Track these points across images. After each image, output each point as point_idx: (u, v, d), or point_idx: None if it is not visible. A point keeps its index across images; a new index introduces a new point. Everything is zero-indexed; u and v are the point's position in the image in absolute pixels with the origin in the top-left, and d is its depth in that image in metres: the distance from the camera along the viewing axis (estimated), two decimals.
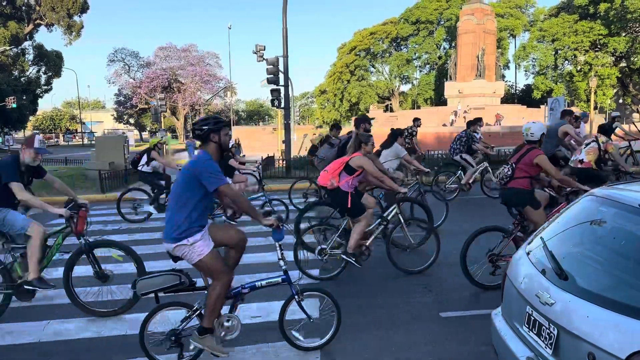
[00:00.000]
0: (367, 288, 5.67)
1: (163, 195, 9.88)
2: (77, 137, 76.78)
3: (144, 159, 9.91)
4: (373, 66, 69.57)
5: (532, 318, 2.62)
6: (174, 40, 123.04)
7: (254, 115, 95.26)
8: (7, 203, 4.93)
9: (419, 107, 59.08)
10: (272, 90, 17.85)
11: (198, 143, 3.98)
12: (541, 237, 2.97)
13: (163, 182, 10.07)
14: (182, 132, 56.62)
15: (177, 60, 57.54)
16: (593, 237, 2.83)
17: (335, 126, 10.33)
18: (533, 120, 5.94)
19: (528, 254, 3.04)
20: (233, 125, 56.72)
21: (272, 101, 18.18)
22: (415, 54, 64.83)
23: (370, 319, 4.81)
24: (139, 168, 9.97)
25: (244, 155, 20.40)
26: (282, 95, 17.90)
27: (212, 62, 59.25)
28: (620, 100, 54.63)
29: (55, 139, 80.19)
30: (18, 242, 5.03)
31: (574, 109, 40.22)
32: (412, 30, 62.77)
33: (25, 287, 4.87)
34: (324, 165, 7.21)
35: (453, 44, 53.75)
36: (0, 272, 4.82)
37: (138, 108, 60.39)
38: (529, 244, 3.18)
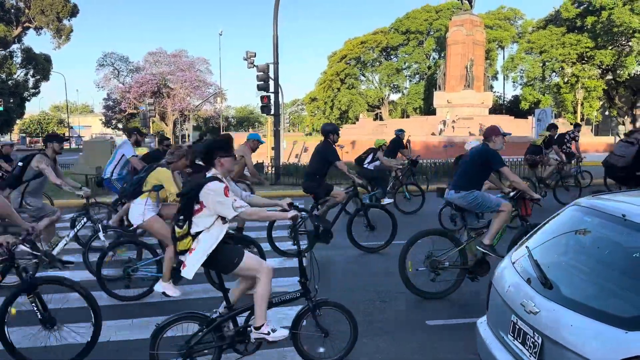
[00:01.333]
0: (349, 294, 5.63)
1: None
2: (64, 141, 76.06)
3: (369, 157, 10.80)
4: (363, 75, 69.96)
5: (517, 327, 2.62)
6: (165, 46, 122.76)
7: (244, 122, 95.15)
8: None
9: (408, 116, 59.46)
10: (262, 97, 17.86)
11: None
12: (526, 246, 2.99)
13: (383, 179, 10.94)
14: (171, 137, 56.27)
15: (167, 65, 57.32)
16: (578, 246, 2.85)
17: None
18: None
19: (513, 262, 3.05)
20: (222, 131, 56.56)
21: (262, 108, 18.18)
22: (405, 63, 65.35)
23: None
24: (364, 165, 10.74)
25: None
26: (272, 102, 17.91)
27: (203, 68, 59.09)
28: (607, 112, 55.45)
29: (42, 143, 79.29)
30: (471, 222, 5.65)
31: (560, 120, 40.79)
32: (402, 40, 63.30)
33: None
34: None
35: (442, 55, 54.29)
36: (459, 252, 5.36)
37: (127, 113, 59.97)
38: (514, 252, 3.19)
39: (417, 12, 62.32)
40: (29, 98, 54.42)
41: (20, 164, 6.38)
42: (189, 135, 57.38)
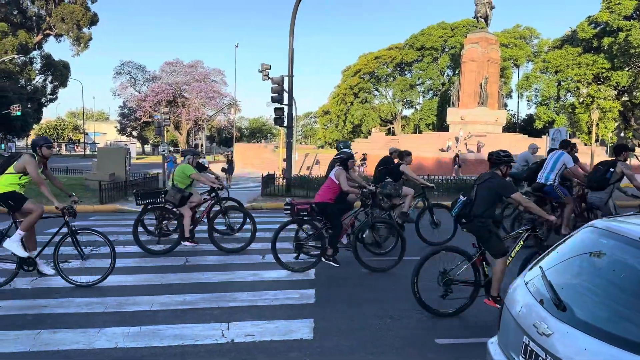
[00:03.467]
0: (358, 309, 5.59)
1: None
2: (79, 147, 77.01)
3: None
4: (377, 89, 70.18)
5: (529, 348, 2.58)
6: (181, 56, 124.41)
7: (257, 133, 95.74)
8: None
9: (420, 132, 59.38)
10: (276, 109, 17.96)
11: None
12: (540, 267, 2.95)
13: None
14: (184, 146, 56.76)
15: (183, 75, 58.05)
16: (592, 268, 2.80)
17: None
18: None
19: (526, 283, 3.01)
20: (235, 142, 56.93)
21: (276, 119, 18.27)
22: (418, 79, 65.47)
23: (359, 342, 4.72)
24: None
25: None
26: (285, 114, 18.00)
27: (218, 79, 59.78)
28: (622, 134, 54.89)
29: (57, 148, 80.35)
30: None
31: (574, 140, 40.46)
32: (417, 56, 63.49)
33: None
34: None
35: (457, 71, 54.33)
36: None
37: (142, 121, 60.70)
38: (528, 272, 3.15)
39: (432, 29, 62.54)
40: (46, 104, 55.33)
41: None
42: (202, 145, 57.79)
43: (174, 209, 8.46)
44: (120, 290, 6.05)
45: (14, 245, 5.92)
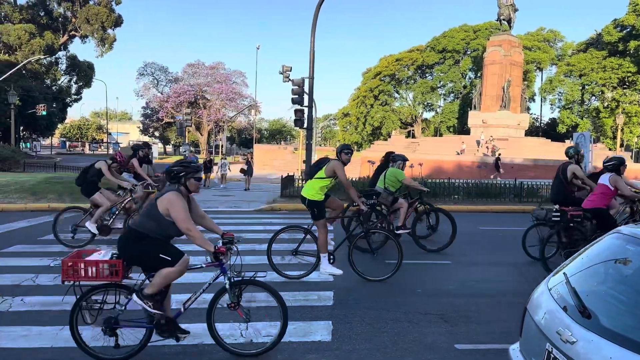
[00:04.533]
0: (376, 313, 5.56)
1: None
2: (102, 147, 78.37)
3: None
4: (397, 92, 69.92)
5: (552, 355, 2.54)
6: (203, 58, 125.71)
7: (277, 135, 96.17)
8: None
9: (441, 135, 58.97)
10: (296, 111, 18.01)
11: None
12: (564, 273, 2.90)
13: None
14: (205, 147, 57.30)
15: (205, 77, 58.61)
16: (618, 275, 2.75)
17: None
18: None
19: (550, 289, 2.96)
20: (255, 143, 57.23)
21: (296, 121, 18.33)
22: (440, 82, 65.03)
23: (377, 346, 4.69)
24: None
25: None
26: (305, 115, 18.05)
27: (239, 81, 60.19)
28: None
29: (81, 148, 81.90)
30: None
31: (599, 145, 39.74)
32: (438, 59, 63.08)
33: None
34: None
35: (479, 74, 53.82)
36: None
37: (164, 122, 61.44)
38: (552, 278, 3.10)
39: (454, 31, 62.09)
40: (70, 104, 56.43)
41: None
42: (222, 146, 58.26)
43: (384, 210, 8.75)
44: None
45: None
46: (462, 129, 55.93)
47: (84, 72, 53.60)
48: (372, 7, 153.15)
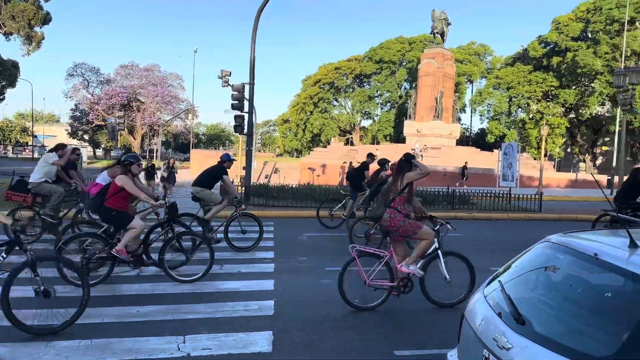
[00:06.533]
0: (315, 321, 5.54)
1: None
2: (27, 150, 73.77)
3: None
4: (336, 100, 70.82)
5: None
6: (137, 59, 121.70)
7: (215, 140, 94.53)
8: None
9: (378, 143, 60.25)
10: (236, 117, 17.78)
11: None
12: (499, 280, 3.01)
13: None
14: (138, 151, 55.36)
15: (139, 79, 56.77)
16: (549, 283, 2.88)
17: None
18: None
19: (486, 296, 3.06)
20: (192, 148, 55.98)
21: (236, 127, 18.07)
22: (377, 91, 66.54)
23: (318, 355, 4.67)
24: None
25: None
26: (245, 121, 17.85)
27: (175, 84, 58.78)
28: (569, 149, 57.45)
29: (4, 151, 76.81)
30: None
31: (524, 155, 42.01)
32: (375, 69, 64.54)
33: None
34: None
35: (413, 85, 55.55)
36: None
37: (94, 124, 58.82)
38: (487, 285, 3.21)
39: (390, 43, 63.80)
40: None
41: None
42: (157, 150, 56.53)
43: None
44: (69, 302, 5.78)
45: None
46: (398, 137, 57.42)
47: (8, 71, 50.21)
48: (313, 15, 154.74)
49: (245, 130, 18.01)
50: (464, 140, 59.20)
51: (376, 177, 11.04)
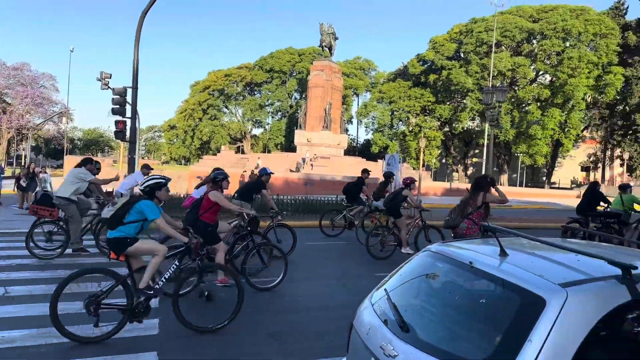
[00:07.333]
0: (201, 339, 5.37)
1: None
2: None
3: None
4: (226, 107, 69.88)
5: None
6: (4, 57, 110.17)
7: (92, 145, 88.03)
8: None
9: (269, 151, 60.43)
10: (117, 122, 16.73)
11: None
12: (385, 288, 3.11)
13: None
14: (3, 157, 49.87)
15: (5, 78, 51.22)
16: (430, 289, 3.03)
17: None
18: None
19: (373, 304, 3.14)
20: (67, 154, 51.73)
21: (117, 133, 16.99)
22: (268, 100, 66.82)
23: None
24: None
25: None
26: (128, 127, 16.86)
27: (48, 85, 53.93)
28: (444, 160, 62.14)
29: None
30: None
31: (405, 165, 44.63)
32: (266, 78, 64.80)
33: None
34: None
35: (304, 95, 56.64)
36: None
37: None
38: (375, 293, 3.30)
39: (281, 53, 64.50)
40: None
41: None
42: (25, 156, 51.43)
43: None
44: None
45: None
46: (289, 146, 58.04)
47: None
48: (202, 21, 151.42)
49: (128, 137, 17.03)
50: (351, 150, 61.49)
51: (383, 190, 12.99)
